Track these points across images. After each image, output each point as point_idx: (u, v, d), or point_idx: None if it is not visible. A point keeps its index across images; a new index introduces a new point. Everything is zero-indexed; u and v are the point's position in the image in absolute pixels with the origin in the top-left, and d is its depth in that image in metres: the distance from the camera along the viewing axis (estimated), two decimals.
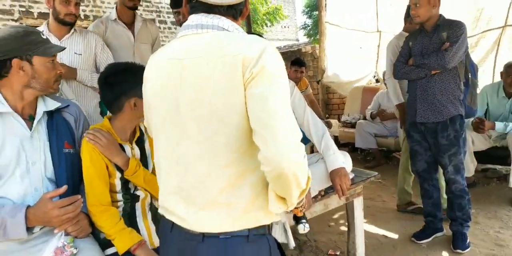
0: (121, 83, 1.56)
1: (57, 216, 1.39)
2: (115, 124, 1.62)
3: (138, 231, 1.58)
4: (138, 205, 1.64)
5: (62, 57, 2.36)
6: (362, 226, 2.50)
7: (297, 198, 1.04)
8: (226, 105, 0.99)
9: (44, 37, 1.51)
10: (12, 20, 6.31)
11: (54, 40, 2.35)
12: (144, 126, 1.71)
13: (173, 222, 1.11)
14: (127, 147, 1.62)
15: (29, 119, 1.51)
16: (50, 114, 1.57)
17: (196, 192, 1.05)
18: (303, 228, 1.58)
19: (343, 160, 1.87)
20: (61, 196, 1.46)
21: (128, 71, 1.58)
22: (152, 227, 1.62)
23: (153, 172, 1.68)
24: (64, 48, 1.59)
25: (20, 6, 6.38)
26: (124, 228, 1.53)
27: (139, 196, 1.63)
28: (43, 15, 6.46)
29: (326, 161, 1.86)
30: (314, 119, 1.91)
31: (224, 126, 1.00)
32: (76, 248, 1.39)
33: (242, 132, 1.00)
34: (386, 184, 4.22)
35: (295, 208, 1.27)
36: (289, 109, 1.00)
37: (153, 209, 1.67)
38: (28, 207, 1.40)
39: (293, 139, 0.97)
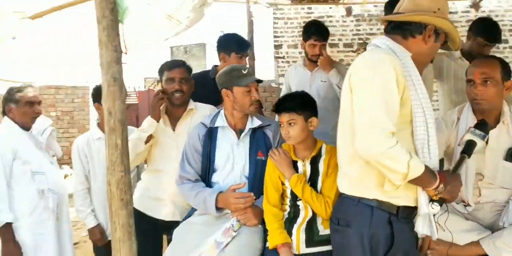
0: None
1: (232, 203, 1.91)
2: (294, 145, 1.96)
3: (290, 235, 1.84)
4: (301, 213, 1.88)
5: (312, 85, 2.89)
6: None
7: (400, 181, 1.37)
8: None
9: (245, 72, 2.04)
10: (352, 51, 7.44)
11: (307, 72, 2.95)
12: (326, 147, 1.95)
13: None
14: (300, 164, 1.92)
15: (239, 132, 2.10)
16: (254, 130, 2.10)
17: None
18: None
19: None
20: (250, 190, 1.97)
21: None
22: (302, 236, 1.83)
23: (321, 191, 1.87)
24: (255, 79, 2.06)
25: (359, 39, 7.43)
26: (278, 228, 1.84)
27: (299, 205, 1.88)
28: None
29: None
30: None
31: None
32: (236, 232, 1.83)
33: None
34: None
35: (430, 189, 1.47)
36: (374, 103, 1.38)
37: (310, 221, 1.87)
38: (220, 192, 1.98)
39: (371, 134, 1.35)
